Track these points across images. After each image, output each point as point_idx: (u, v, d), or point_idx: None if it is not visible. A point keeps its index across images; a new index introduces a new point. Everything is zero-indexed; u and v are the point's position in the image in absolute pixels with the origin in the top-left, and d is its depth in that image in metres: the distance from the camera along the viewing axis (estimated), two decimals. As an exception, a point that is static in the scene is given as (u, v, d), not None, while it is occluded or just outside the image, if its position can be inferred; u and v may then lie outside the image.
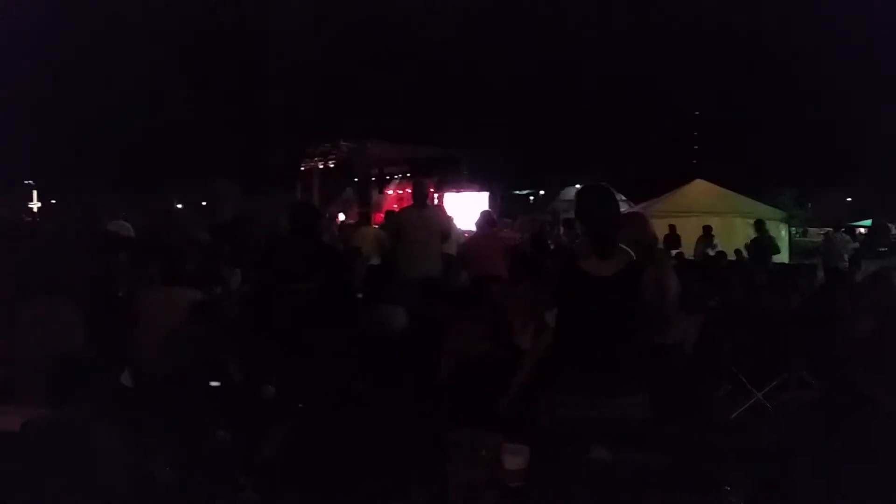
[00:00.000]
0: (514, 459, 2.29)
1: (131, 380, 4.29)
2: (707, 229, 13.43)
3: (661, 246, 3.13)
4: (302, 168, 21.89)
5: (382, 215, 12.63)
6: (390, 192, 20.45)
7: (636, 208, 17.61)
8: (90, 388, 3.17)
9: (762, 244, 12.32)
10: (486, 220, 7.77)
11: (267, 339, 4.42)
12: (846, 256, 12.38)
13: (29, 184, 24.48)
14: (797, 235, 19.47)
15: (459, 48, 25.95)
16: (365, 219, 11.96)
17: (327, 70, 23.61)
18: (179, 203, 23.09)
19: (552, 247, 10.31)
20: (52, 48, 21.60)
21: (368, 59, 24.40)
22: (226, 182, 19.98)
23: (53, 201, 24.36)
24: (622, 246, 2.93)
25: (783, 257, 14.37)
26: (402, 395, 4.25)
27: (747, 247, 12.62)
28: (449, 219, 8.21)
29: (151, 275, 5.48)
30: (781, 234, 15.51)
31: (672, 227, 13.26)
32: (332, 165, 21.48)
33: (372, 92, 24.03)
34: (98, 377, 3.57)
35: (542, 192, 28.26)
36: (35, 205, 22.61)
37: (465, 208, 18.07)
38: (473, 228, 8.51)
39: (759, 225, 12.72)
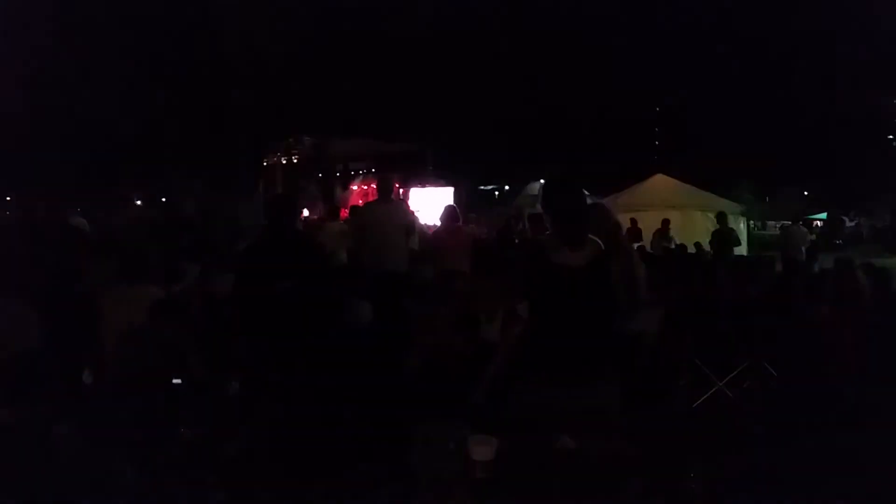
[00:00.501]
0: (482, 450, 2.29)
1: (92, 377, 4.20)
2: (665, 223, 13.63)
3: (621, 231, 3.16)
4: (265, 163, 21.65)
5: (347, 211, 12.57)
6: (355, 187, 20.33)
7: (599, 202, 17.81)
8: (49, 385, 3.10)
9: (723, 236, 12.54)
10: (449, 215, 7.76)
11: (230, 334, 4.36)
12: (804, 249, 12.68)
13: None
14: (755, 229, 19.86)
15: (426, 43, 25.91)
16: (330, 215, 11.90)
17: (291, 65, 23.39)
18: (139, 199, 22.68)
19: (517, 241, 10.38)
20: (16, 42, 21.06)
21: (333, 53, 24.24)
22: (187, 177, 19.69)
23: (8, 198, 23.73)
24: (591, 236, 2.95)
25: (742, 250, 14.64)
26: (370, 389, 4.24)
27: (710, 240, 12.81)
28: (412, 213, 8.20)
29: (110, 271, 5.37)
30: (740, 227, 15.80)
31: (633, 221, 13.42)
32: (295, 161, 21.29)
33: (337, 87, 23.88)
34: (58, 375, 3.49)
35: (506, 188, 28.39)
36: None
37: (430, 203, 18.07)
38: (438, 223, 8.51)
39: (721, 217, 12.94)
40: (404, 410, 3.67)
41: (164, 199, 22.70)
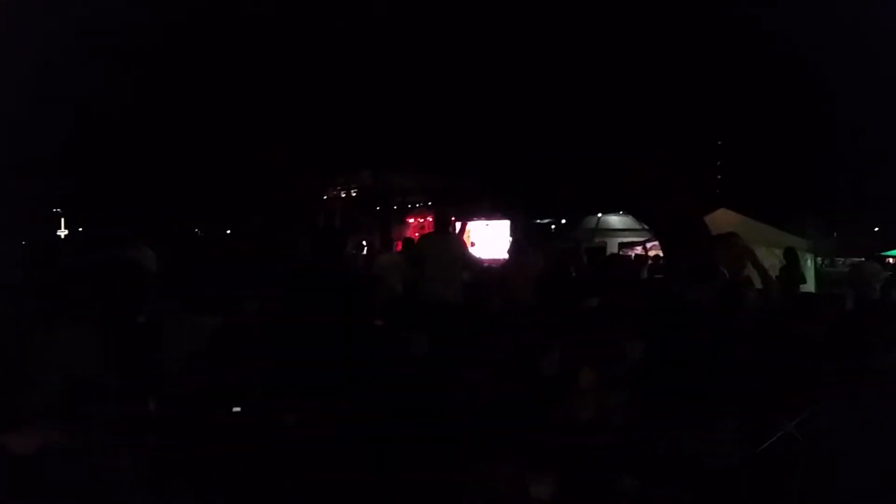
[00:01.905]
0: (542, 488, 2.23)
1: (154, 406, 4.27)
2: (732, 258, 13.28)
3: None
4: (324, 197, 22.07)
5: (401, 243, 12.67)
6: (411, 220, 20.52)
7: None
8: (111, 411, 3.15)
9: (793, 274, 12.08)
10: (517, 250, 7.80)
11: (287, 365, 4.38)
12: (877, 287, 12.13)
13: (57, 212, 24.90)
14: (823, 266, 19.19)
15: (483, 79, 26.11)
16: (385, 247, 11.99)
17: (350, 99, 23.86)
18: (202, 230, 23.31)
19: (574, 275, 10.26)
20: (80, 82, 22.08)
21: (391, 88, 24.62)
22: (248, 210, 20.16)
23: (80, 229, 24.72)
24: (721, 269, 2.83)
25: (809, 288, 14.13)
26: (421, 423, 4.19)
27: (777, 276, 12.40)
28: (467, 246, 8.24)
29: (172, 301, 5.49)
30: (808, 263, 15.28)
31: (696, 256, 13.12)
32: (354, 194, 21.64)
33: (394, 121, 24.23)
34: (120, 401, 3.55)
35: (563, 221, 28.19)
36: (62, 232, 22.97)
37: (486, 237, 18.09)
38: (500, 256, 8.55)
39: (789, 254, 12.49)
40: (457, 447, 3.61)
41: (226, 231, 23.30)
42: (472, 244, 16.78)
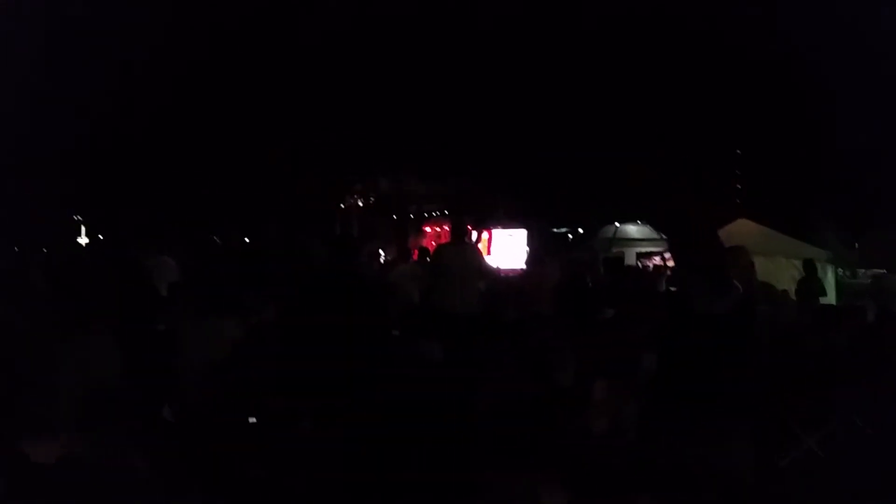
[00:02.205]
0: (555, 499, 2.22)
1: (171, 413, 4.31)
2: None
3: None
4: (341, 205, 22.21)
5: (418, 249, 12.69)
6: (427, 228, 20.58)
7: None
8: (128, 418, 3.18)
9: (810, 285, 11.96)
10: (534, 258, 7.79)
11: (303, 370, 4.40)
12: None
13: (78, 219, 25.19)
14: (844, 278, 18.96)
15: (499, 88, 26.16)
16: (401, 256, 12.01)
17: (366, 108, 24.01)
18: (220, 238, 23.48)
19: (590, 285, 10.22)
20: (100, 90, 22.42)
21: (407, 96, 24.74)
22: (265, 218, 20.31)
23: (101, 237, 24.98)
24: (735, 282, 2.81)
25: (830, 299, 13.95)
26: (436, 433, 4.19)
27: (796, 288, 12.27)
28: (483, 256, 8.24)
29: (190, 307, 5.53)
30: (828, 275, 15.09)
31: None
32: (371, 202, 21.76)
33: (410, 129, 24.34)
34: (137, 408, 3.58)
35: (580, 230, 28.09)
36: (83, 240, 23.24)
37: (503, 246, 18.07)
38: (517, 266, 8.54)
39: (808, 265, 12.36)
40: (470, 455, 3.60)
41: (244, 238, 23.45)
42: (490, 253, 16.79)
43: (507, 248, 17.66)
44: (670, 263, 15.67)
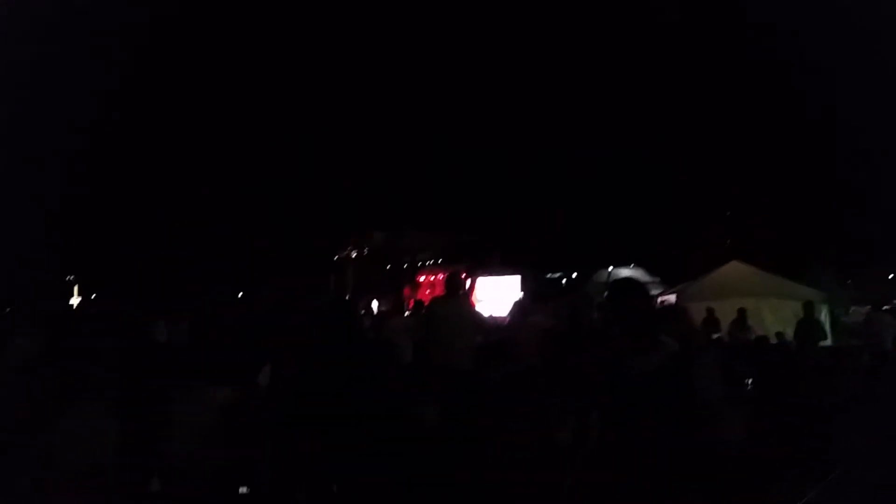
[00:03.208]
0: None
1: (159, 485, 4.19)
2: (741, 312, 13.02)
3: (699, 331, 2.99)
4: (335, 257, 22.19)
5: (413, 303, 12.63)
6: (422, 278, 20.54)
7: (671, 291, 17.34)
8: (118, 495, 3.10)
9: (810, 327, 11.90)
10: (521, 309, 7.68)
11: (298, 441, 4.30)
12: (891, 340, 11.89)
13: (70, 279, 25.03)
14: (838, 316, 18.89)
15: (490, 134, 26.44)
16: (395, 309, 11.94)
17: (359, 160, 24.19)
18: (214, 296, 23.30)
19: (587, 331, 10.14)
20: (98, 156, 22.63)
21: (399, 148, 24.96)
22: (260, 274, 20.24)
23: (94, 295, 24.77)
24: (664, 338, 2.81)
25: (826, 339, 13.88)
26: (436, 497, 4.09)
27: (795, 329, 12.20)
28: (479, 309, 8.17)
29: (182, 373, 5.44)
30: (823, 315, 15.06)
31: (710, 311, 12.96)
32: (365, 254, 21.75)
33: (403, 180, 24.49)
34: (127, 486, 3.49)
35: (574, 275, 28.10)
36: (76, 300, 23.03)
37: (497, 292, 18.02)
38: (506, 315, 8.44)
39: (808, 307, 12.32)
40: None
41: (238, 294, 23.32)
42: (480, 301, 16.74)
43: (498, 295, 17.62)
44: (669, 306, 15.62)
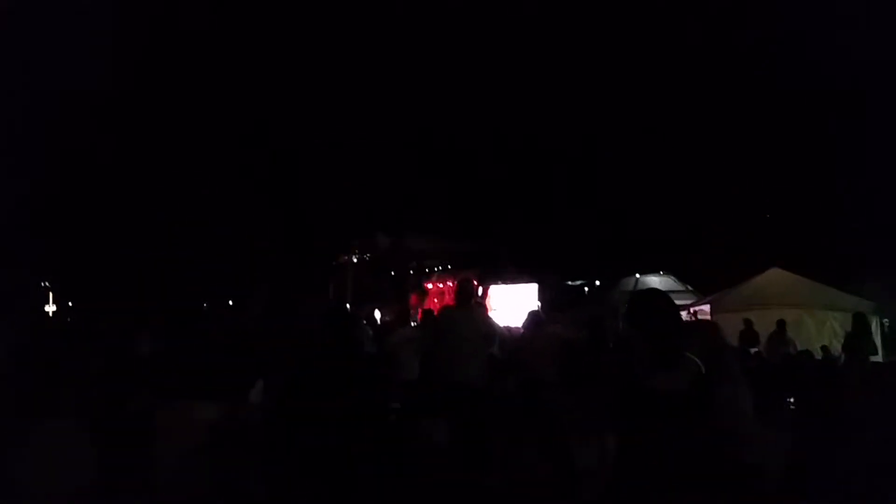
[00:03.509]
0: None
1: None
2: (781, 324, 12.93)
3: (731, 347, 2.98)
4: (334, 263, 22.14)
5: (421, 313, 12.61)
6: (430, 286, 20.44)
7: (705, 301, 17.24)
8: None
9: (860, 341, 11.79)
10: (534, 320, 7.64)
11: (291, 459, 4.30)
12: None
13: (45, 286, 25.16)
14: (888, 327, 18.65)
15: (506, 137, 26.56)
16: (401, 319, 11.93)
17: (365, 163, 24.29)
18: (206, 304, 23.34)
19: (611, 344, 10.09)
20: (79, 156, 22.80)
21: (406, 149, 25.07)
22: (254, 280, 20.27)
23: (70, 303, 24.89)
24: (689, 355, 2.79)
25: (877, 355, 13.77)
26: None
27: (843, 343, 12.09)
28: (492, 319, 8.12)
29: (168, 388, 5.45)
30: (874, 328, 14.93)
31: (748, 323, 12.90)
32: (367, 259, 21.68)
33: (412, 183, 24.57)
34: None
35: (597, 283, 27.97)
36: (51, 308, 23.15)
37: (512, 301, 17.98)
38: (521, 326, 8.39)
39: (858, 319, 12.18)
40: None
41: (229, 302, 23.37)
42: (494, 310, 16.69)
43: (515, 304, 17.57)
44: (702, 318, 15.55)
